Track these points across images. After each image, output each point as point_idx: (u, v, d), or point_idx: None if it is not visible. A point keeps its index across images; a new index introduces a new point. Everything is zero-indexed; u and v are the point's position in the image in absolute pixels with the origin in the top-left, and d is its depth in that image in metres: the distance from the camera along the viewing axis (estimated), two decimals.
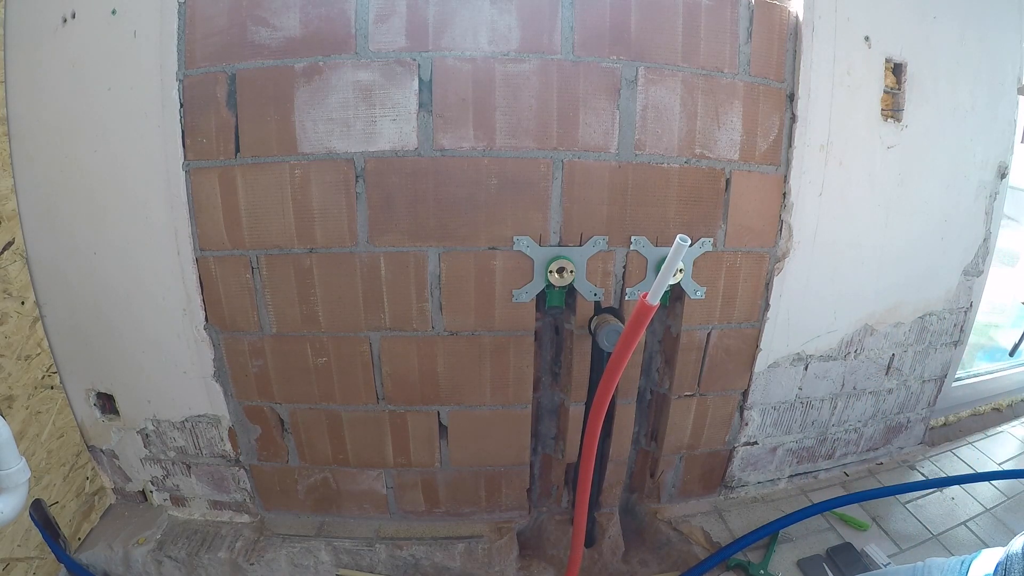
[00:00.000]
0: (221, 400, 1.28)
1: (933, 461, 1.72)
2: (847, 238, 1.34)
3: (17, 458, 0.95)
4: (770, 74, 1.17)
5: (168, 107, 1.09)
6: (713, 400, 1.40)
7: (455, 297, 1.19)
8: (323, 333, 1.22)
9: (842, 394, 1.54)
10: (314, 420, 1.31)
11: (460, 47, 1.06)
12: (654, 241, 1.20)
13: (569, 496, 1.48)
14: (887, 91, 1.30)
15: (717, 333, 1.32)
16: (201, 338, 1.22)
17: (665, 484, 1.49)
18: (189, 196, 1.13)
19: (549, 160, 1.12)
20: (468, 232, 1.14)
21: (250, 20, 1.06)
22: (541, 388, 1.37)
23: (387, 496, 1.40)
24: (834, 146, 1.25)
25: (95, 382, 1.31)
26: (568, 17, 1.07)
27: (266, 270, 1.17)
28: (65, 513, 1.29)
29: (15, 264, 1.17)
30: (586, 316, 1.23)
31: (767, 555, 1.37)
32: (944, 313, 1.57)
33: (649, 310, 0.80)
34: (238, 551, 1.33)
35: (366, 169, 1.10)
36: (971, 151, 1.43)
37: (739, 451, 1.50)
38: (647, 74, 1.11)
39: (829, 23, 1.18)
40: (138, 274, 1.19)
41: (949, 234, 1.48)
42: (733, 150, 1.18)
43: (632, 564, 1.43)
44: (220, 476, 1.39)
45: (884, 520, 1.48)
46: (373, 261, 1.16)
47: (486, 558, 1.36)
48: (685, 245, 0.72)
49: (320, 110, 1.08)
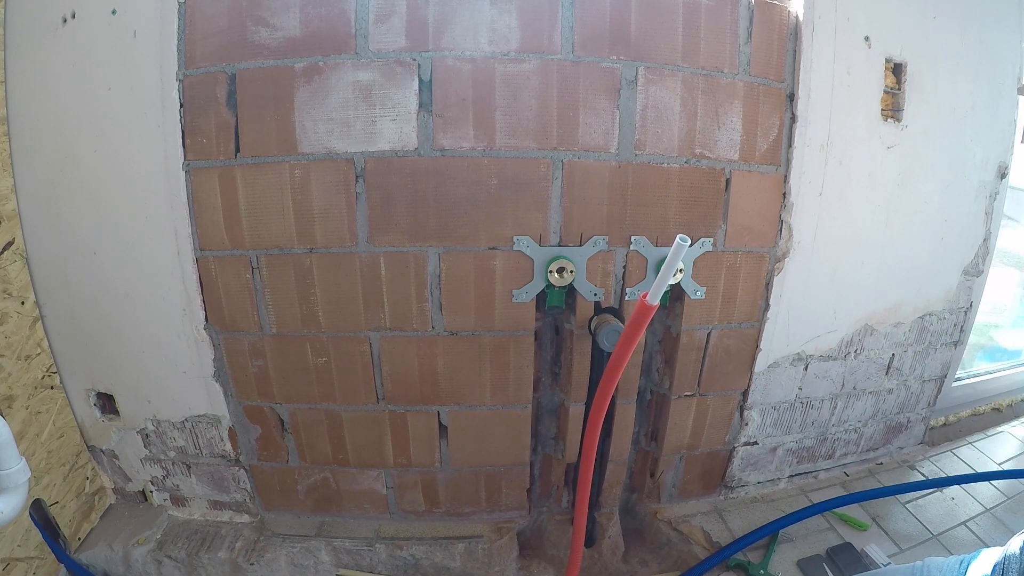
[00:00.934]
0: (221, 400, 1.28)
1: (933, 461, 1.72)
2: (847, 238, 1.34)
3: (17, 458, 0.95)
4: (770, 74, 1.17)
5: (168, 107, 1.09)
6: (713, 400, 1.40)
7: (455, 297, 1.19)
8: (323, 333, 1.22)
9: (842, 394, 1.54)
10: (314, 420, 1.31)
11: (460, 47, 1.06)
12: (654, 241, 1.20)
13: (569, 496, 1.47)
14: (887, 91, 1.30)
15: (717, 333, 1.32)
16: (201, 338, 1.22)
17: (665, 484, 1.49)
18: (189, 196, 1.13)
19: (549, 160, 1.12)
20: (468, 232, 1.14)
21: (250, 20, 1.06)
22: (541, 388, 1.37)
23: (387, 496, 1.40)
24: (834, 146, 1.25)
25: (95, 382, 1.31)
26: (568, 17, 1.07)
27: (266, 270, 1.17)
28: (65, 513, 1.29)
29: (15, 264, 1.17)
30: (586, 316, 1.23)
31: (767, 555, 1.37)
32: (944, 313, 1.57)
33: (649, 310, 0.80)
34: (238, 551, 1.33)
35: (366, 169, 1.10)
36: (971, 151, 1.43)
37: (739, 451, 1.50)
38: (647, 74, 1.11)
39: (829, 23, 1.18)
40: (138, 274, 1.19)
41: (949, 234, 1.48)
42: (733, 150, 1.18)
43: (632, 564, 1.43)
44: (220, 476, 1.39)
45: (884, 520, 1.48)
46: (373, 261, 1.16)
47: (486, 558, 1.36)
48: (685, 245, 0.72)
49: (320, 110, 1.08)
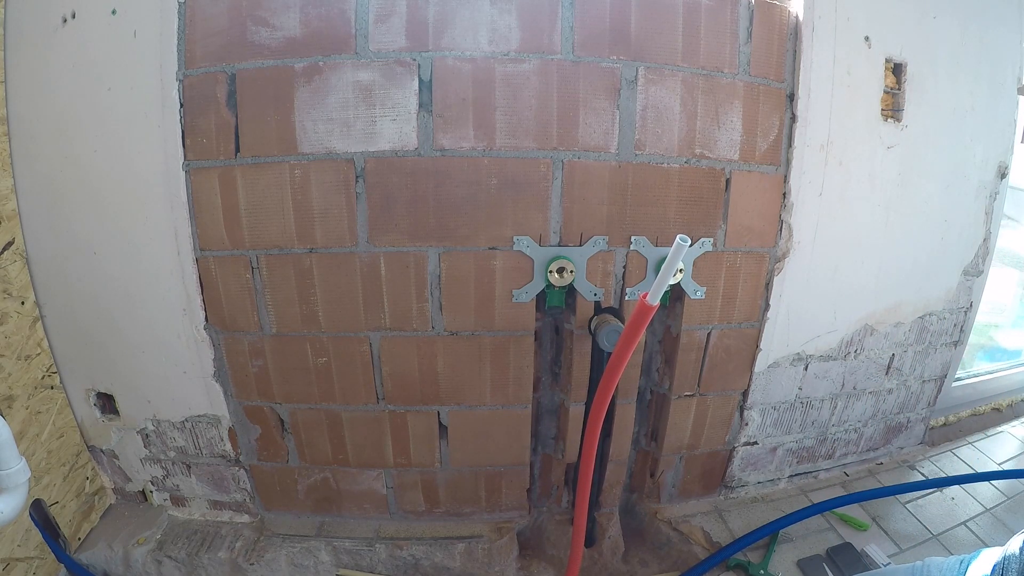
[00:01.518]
0: (221, 400, 1.28)
1: (933, 461, 1.72)
2: (847, 238, 1.34)
3: (17, 458, 0.95)
4: (770, 74, 1.17)
5: (168, 107, 1.09)
6: (713, 400, 1.40)
7: (455, 297, 1.19)
8: (323, 333, 1.22)
9: (842, 394, 1.54)
10: (314, 420, 1.31)
11: (460, 47, 1.06)
12: (654, 241, 1.20)
13: (569, 496, 1.47)
14: (887, 91, 1.30)
15: (717, 333, 1.32)
16: (201, 338, 1.22)
17: (665, 484, 1.49)
18: (189, 196, 1.13)
19: (549, 160, 1.12)
20: (468, 232, 1.14)
21: (250, 20, 1.06)
22: (541, 388, 1.37)
23: (387, 496, 1.40)
24: (834, 146, 1.25)
25: (95, 382, 1.31)
26: (568, 17, 1.07)
27: (266, 270, 1.17)
28: (65, 513, 1.29)
29: (15, 264, 1.17)
30: (586, 316, 1.23)
31: (767, 555, 1.37)
32: (944, 313, 1.57)
33: (649, 310, 0.80)
34: (238, 551, 1.33)
35: (366, 169, 1.10)
36: (971, 151, 1.43)
37: (739, 451, 1.50)
38: (647, 74, 1.11)
39: (829, 23, 1.18)
40: (138, 274, 1.19)
41: (949, 234, 1.48)
42: (733, 150, 1.18)
43: (632, 564, 1.43)
44: (220, 476, 1.39)
45: (884, 520, 1.48)
46: (373, 261, 1.16)
47: (486, 558, 1.36)
48: (685, 245, 0.72)
49: (320, 110, 1.08)
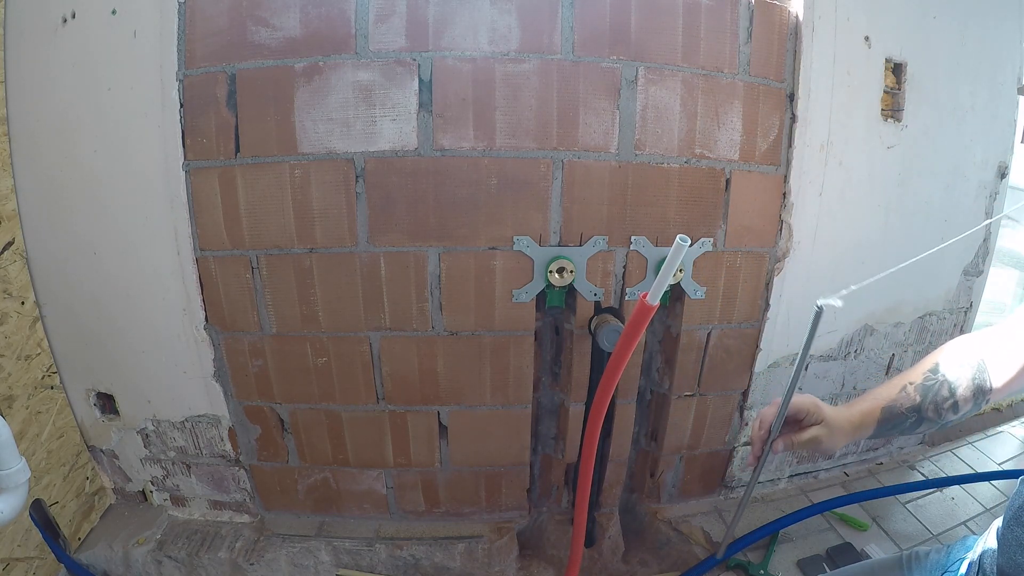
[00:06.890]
0: (221, 400, 1.28)
1: (933, 461, 1.72)
2: (847, 238, 1.34)
3: (17, 458, 0.95)
4: (770, 74, 1.17)
5: (168, 107, 1.09)
6: (713, 400, 1.40)
7: (455, 297, 1.19)
8: (323, 333, 1.22)
9: (842, 394, 1.53)
10: (314, 420, 1.31)
11: (460, 47, 1.06)
12: (654, 241, 1.20)
13: (569, 496, 1.47)
14: (887, 91, 1.30)
15: (717, 333, 1.32)
16: (201, 338, 1.22)
17: (665, 484, 1.49)
18: (189, 196, 1.13)
19: (549, 160, 1.12)
20: (468, 232, 1.14)
21: (250, 20, 1.06)
22: (541, 388, 1.37)
23: (387, 496, 1.40)
24: (834, 146, 1.25)
25: (95, 382, 1.31)
26: (568, 17, 1.07)
27: (266, 270, 1.17)
28: (65, 513, 1.29)
29: (15, 264, 1.17)
30: (586, 316, 1.23)
31: (767, 555, 1.37)
32: (944, 313, 1.57)
33: (649, 310, 0.79)
34: (238, 551, 1.33)
35: (366, 169, 1.10)
36: (971, 151, 1.43)
37: (739, 451, 1.49)
38: (647, 74, 1.11)
39: (829, 23, 1.18)
40: (138, 274, 1.19)
41: (949, 234, 1.47)
42: (733, 150, 1.18)
43: (632, 564, 1.43)
44: (220, 476, 1.39)
45: (884, 520, 1.48)
46: (373, 261, 1.16)
47: (486, 558, 1.36)
48: (685, 245, 0.72)
49: (320, 110, 1.08)
